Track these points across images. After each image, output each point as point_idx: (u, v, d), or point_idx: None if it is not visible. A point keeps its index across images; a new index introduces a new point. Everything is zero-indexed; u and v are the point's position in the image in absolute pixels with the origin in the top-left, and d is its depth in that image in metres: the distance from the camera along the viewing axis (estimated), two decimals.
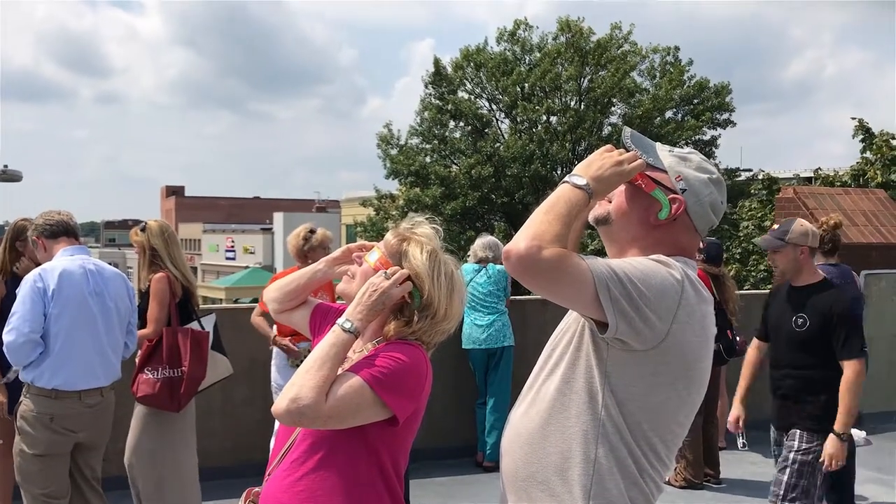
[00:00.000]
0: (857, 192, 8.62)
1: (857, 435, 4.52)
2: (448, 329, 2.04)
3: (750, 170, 26.86)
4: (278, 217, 47.20)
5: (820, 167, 16.78)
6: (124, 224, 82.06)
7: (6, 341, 3.66)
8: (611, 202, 1.86)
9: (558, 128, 25.40)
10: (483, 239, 6.26)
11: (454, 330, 2.07)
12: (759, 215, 16.64)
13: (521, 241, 1.62)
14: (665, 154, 1.87)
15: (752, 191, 19.57)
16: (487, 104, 26.92)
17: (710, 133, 27.16)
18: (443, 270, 2.01)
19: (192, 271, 4.61)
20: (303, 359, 2.30)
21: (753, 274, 16.32)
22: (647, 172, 1.81)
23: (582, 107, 25.66)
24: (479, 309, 6.05)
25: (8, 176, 17.73)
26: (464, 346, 6.06)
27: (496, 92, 26.24)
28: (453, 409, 6.26)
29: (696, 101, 26.63)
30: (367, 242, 2.23)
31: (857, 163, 14.95)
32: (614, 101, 25.92)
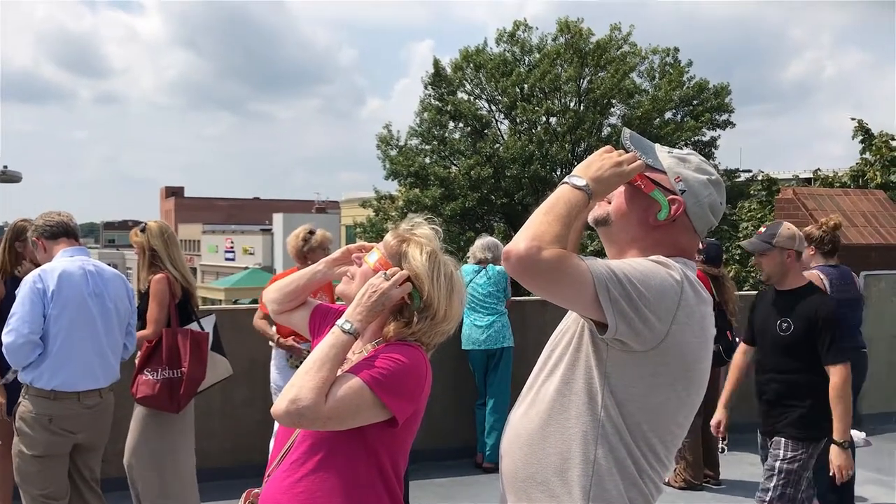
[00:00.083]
0: (857, 193, 8.62)
1: (857, 436, 4.52)
2: (448, 330, 2.04)
3: (749, 171, 26.84)
4: (278, 218, 47.21)
5: (819, 168, 16.76)
6: (124, 225, 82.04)
7: (5, 342, 3.65)
8: (610, 203, 1.86)
9: (558, 129, 25.39)
10: (482, 240, 6.25)
11: (454, 331, 2.07)
12: (759, 216, 16.63)
13: (521, 241, 1.62)
14: (664, 155, 1.87)
15: (752, 192, 19.58)
16: (487, 105, 26.91)
17: (709, 134, 27.15)
18: (442, 271, 2.01)
19: (192, 272, 4.61)
20: (304, 359, 2.29)
21: (753, 275, 16.29)
22: (647, 173, 1.82)
23: (581, 108, 25.66)
24: (478, 310, 6.04)
25: (7, 177, 17.71)
26: (463, 347, 6.06)
27: (495, 93, 26.23)
28: (453, 410, 6.26)
29: (695, 102, 26.62)
30: (366, 243, 2.22)
31: (856, 164, 14.93)
32: (614, 102, 25.91)
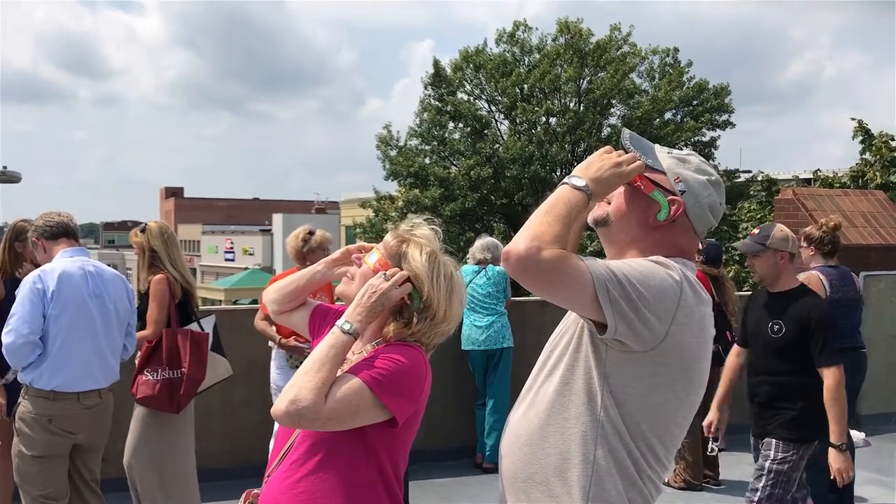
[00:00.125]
0: (857, 193, 8.62)
1: (857, 436, 4.52)
2: (447, 330, 2.04)
3: (749, 171, 26.81)
4: (277, 218, 47.22)
5: (819, 168, 16.74)
6: (123, 225, 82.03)
7: (5, 343, 3.65)
8: (610, 204, 1.86)
9: (557, 129, 25.39)
10: (482, 240, 6.25)
11: (453, 331, 2.07)
12: (759, 217, 16.61)
13: (521, 241, 1.62)
14: (664, 156, 1.87)
15: (752, 192, 19.55)
16: (487, 105, 26.91)
17: (709, 134, 27.16)
18: (442, 272, 2.01)
19: (192, 272, 4.61)
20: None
21: (752, 275, 16.26)
22: (646, 174, 1.82)
23: (581, 108, 25.66)
24: (478, 310, 6.04)
25: (7, 177, 17.68)
26: (463, 348, 6.06)
27: (495, 93, 26.23)
28: (452, 410, 6.26)
29: (695, 102, 26.63)
30: (366, 244, 2.22)
31: (856, 164, 14.91)
32: (613, 102, 25.92)
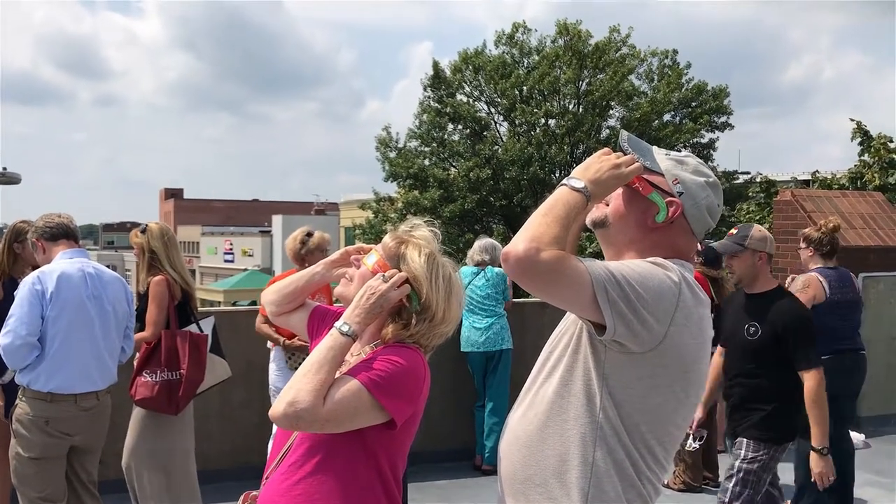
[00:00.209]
0: (855, 194, 8.62)
1: (856, 438, 4.53)
2: (446, 332, 2.04)
3: (748, 173, 26.88)
4: (277, 220, 47.22)
5: (818, 170, 16.75)
6: (123, 226, 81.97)
7: (3, 344, 3.65)
8: (608, 205, 1.86)
9: (556, 131, 25.42)
10: (481, 241, 6.25)
11: (452, 333, 2.07)
12: (757, 218, 16.62)
13: (520, 243, 1.62)
14: (662, 157, 1.87)
15: (750, 194, 19.56)
16: (486, 107, 26.95)
17: (708, 136, 27.21)
18: (441, 273, 2.01)
19: (191, 274, 4.61)
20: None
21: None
22: (645, 176, 1.82)
23: (580, 110, 25.69)
24: (477, 312, 6.04)
25: (7, 178, 17.67)
26: (462, 349, 6.06)
27: (494, 95, 26.26)
28: (451, 412, 6.25)
29: (694, 104, 26.66)
30: (365, 245, 2.21)
31: (854, 166, 14.91)
32: (612, 104, 25.95)
